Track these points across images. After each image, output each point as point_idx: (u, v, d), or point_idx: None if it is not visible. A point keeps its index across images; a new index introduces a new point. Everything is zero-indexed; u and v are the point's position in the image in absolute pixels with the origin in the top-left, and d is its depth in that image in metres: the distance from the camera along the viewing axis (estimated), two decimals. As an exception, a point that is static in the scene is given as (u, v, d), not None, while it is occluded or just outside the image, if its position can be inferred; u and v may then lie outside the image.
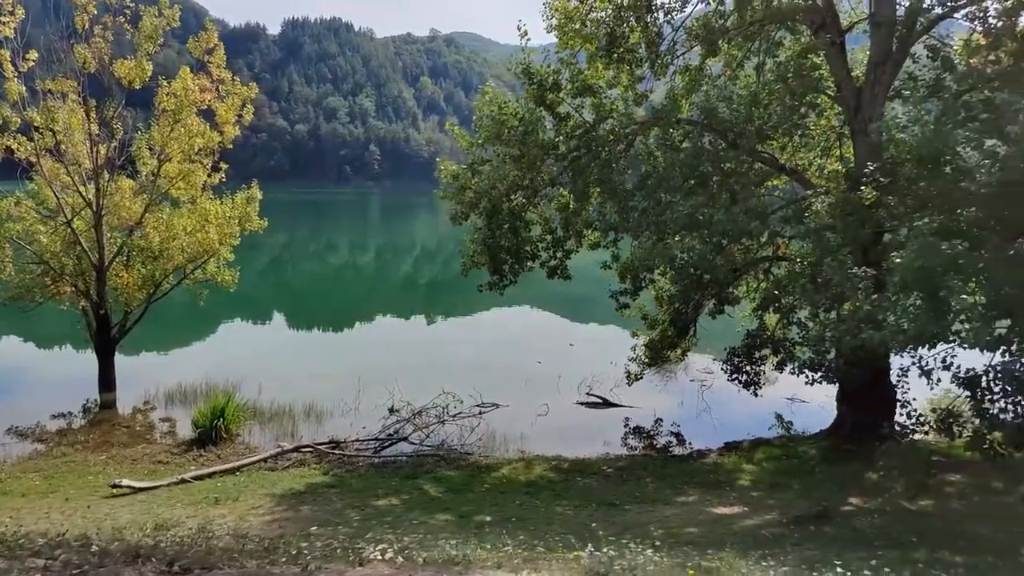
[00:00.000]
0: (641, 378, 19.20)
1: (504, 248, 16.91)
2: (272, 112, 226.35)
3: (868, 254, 12.28)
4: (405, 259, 70.87)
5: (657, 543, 8.85)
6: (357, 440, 16.29)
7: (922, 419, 11.73)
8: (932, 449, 14.44)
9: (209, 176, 18.53)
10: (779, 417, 18.66)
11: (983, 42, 14.13)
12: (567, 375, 21.30)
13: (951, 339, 9.41)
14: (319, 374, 22.30)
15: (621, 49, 16.20)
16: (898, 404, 13.96)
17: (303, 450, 15.47)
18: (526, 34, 16.39)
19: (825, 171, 17.95)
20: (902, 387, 13.75)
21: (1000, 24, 12.58)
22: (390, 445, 16.10)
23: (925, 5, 14.49)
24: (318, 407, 18.50)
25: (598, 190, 16.58)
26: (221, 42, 18.48)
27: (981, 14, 13.27)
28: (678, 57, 17.03)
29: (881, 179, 11.64)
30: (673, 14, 16.80)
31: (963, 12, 14.00)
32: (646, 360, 19.22)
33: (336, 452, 15.40)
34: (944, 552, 10.21)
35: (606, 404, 19.96)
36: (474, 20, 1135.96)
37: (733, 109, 15.80)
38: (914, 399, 12.62)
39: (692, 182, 15.43)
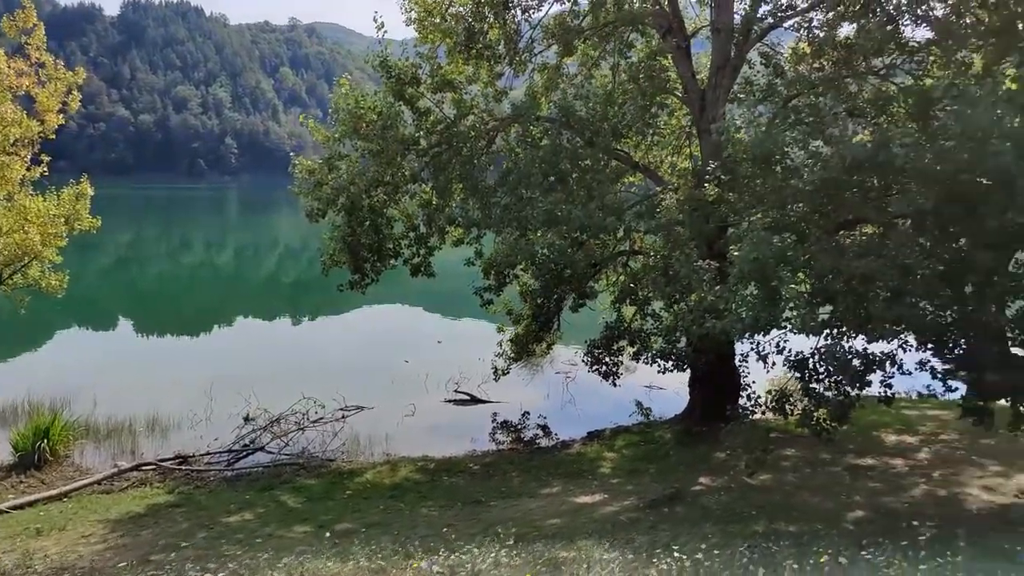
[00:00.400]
0: (508, 373, 19.36)
1: (365, 246, 16.46)
2: (112, 100, 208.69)
3: (713, 247, 13.01)
4: (267, 258, 67.70)
5: (515, 539, 8.89)
6: (208, 453, 15.26)
7: (760, 400, 12.60)
8: (770, 427, 15.59)
9: (28, 170, 16.63)
10: (639, 404, 19.40)
11: (808, 50, 15.40)
12: (435, 373, 21.14)
13: (783, 325, 10.12)
14: (166, 384, 20.68)
15: (480, 45, 16.21)
16: (742, 387, 14.98)
17: (144, 468, 14.28)
18: (383, 26, 16.03)
19: (677, 168, 18.91)
20: (744, 371, 14.75)
21: (822, 35, 13.72)
22: (245, 456, 15.23)
23: (759, 15, 15.57)
24: (163, 420, 17.15)
25: (460, 186, 16.52)
26: (41, 22, 16.63)
27: (806, 24, 14.42)
28: (536, 55, 17.28)
29: (722, 177, 12.37)
30: (530, 12, 17.03)
31: (791, 22, 15.15)
32: (512, 355, 19.39)
33: (183, 468, 14.35)
34: (780, 523, 11.01)
35: (474, 401, 19.98)
36: (336, 10, 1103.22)
37: (590, 108, 16.25)
38: (753, 382, 13.53)
39: (552, 179, 15.72)
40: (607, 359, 15.32)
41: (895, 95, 14.30)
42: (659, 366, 12.97)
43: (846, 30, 14.78)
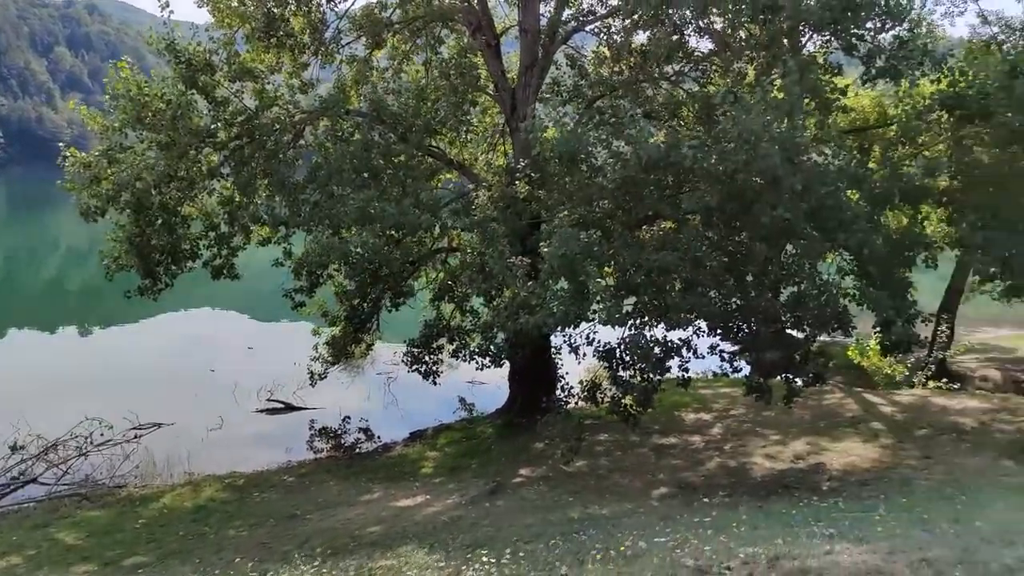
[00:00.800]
0: (325, 377, 18.52)
1: (157, 247, 14.89)
2: None
3: (526, 244, 13.28)
4: (47, 261, 59.65)
5: (330, 552, 8.48)
6: (-38, 492, 13.08)
7: (574, 391, 13.11)
8: (585, 415, 16.29)
9: None
10: (462, 401, 19.47)
11: (608, 55, 16.24)
12: (245, 382, 19.75)
13: (591, 318, 10.55)
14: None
15: (281, 33, 15.26)
16: (558, 379, 15.52)
17: None
18: (167, 5, 14.51)
19: (493, 166, 19.14)
20: (560, 363, 15.30)
21: (620, 40, 14.50)
22: (12, 491, 13.22)
23: (563, 18, 16.15)
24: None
25: (265, 182, 15.46)
26: None
27: (606, 30, 15.16)
28: (344, 47, 16.63)
29: (532, 175, 12.66)
30: (336, 1, 16.35)
31: (593, 27, 15.87)
32: (329, 358, 18.58)
33: (-70, 513, 12.16)
34: (594, 507, 11.50)
35: (289, 409, 18.97)
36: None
37: (402, 103, 15.93)
38: (567, 374, 14.04)
39: (365, 175, 15.21)
40: (426, 358, 15.16)
41: (684, 100, 15.53)
42: (477, 363, 13.06)
43: (641, 38, 15.79)
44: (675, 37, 12.19)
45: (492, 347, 12.27)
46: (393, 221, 13.00)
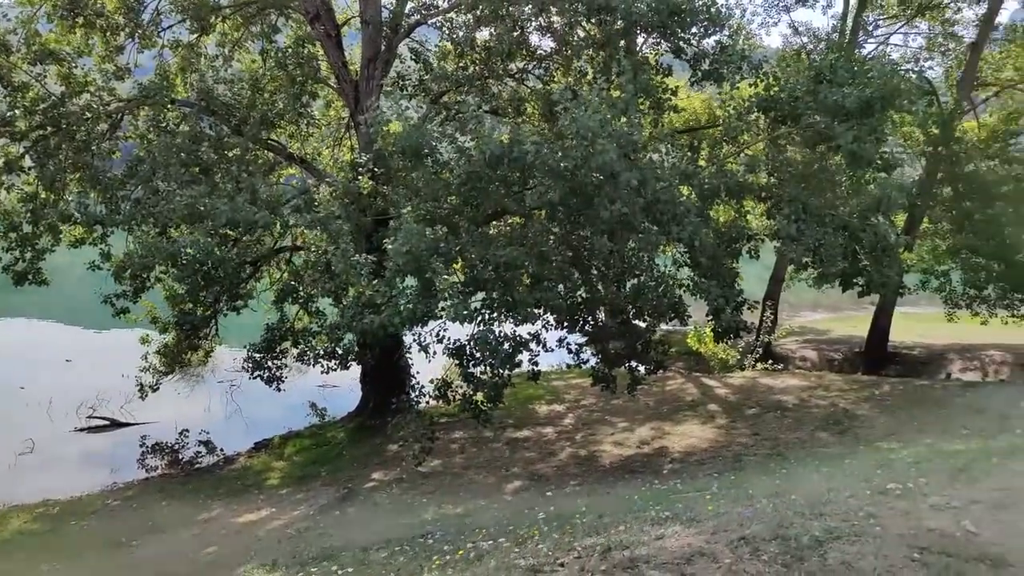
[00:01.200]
0: (158, 389, 17.03)
1: (-59, 251, 12.99)
2: None
3: (372, 241, 12.85)
4: None
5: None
6: None
7: (425, 389, 12.88)
8: (441, 413, 16.15)
9: None
10: (313, 405, 18.62)
11: (453, 50, 16.10)
12: (62, 398, 17.76)
13: (439, 316, 10.37)
14: None
15: (89, 12, 13.75)
16: (411, 378, 15.21)
17: None
18: (-53, -26, 12.66)
19: (341, 161, 18.42)
20: (413, 362, 14.96)
21: (462, 36, 14.40)
22: None
23: (407, 11, 15.82)
24: None
25: (77, 176, 13.92)
26: None
27: (448, 24, 15.01)
28: (165, 30, 15.31)
29: (375, 169, 12.27)
30: (154, -20, 15.02)
31: (436, 22, 15.65)
32: (162, 368, 17.13)
33: None
34: (448, 506, 11.36)
35: (116, 425, 17.29)
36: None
37: (235, 93, 14.94)
38: (418, 372, 13.79)
39: (196, 169, 14.10)
40: (269, 363, 14.29)
41: (528, 97, 15.74)
42: (323, 367, 12.48)
43: (484, 34, 15.79)
44: (516, 33, 12.27)
45: (338, 349, 11.77)
46: (226, 219, 12.12)
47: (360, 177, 12.34)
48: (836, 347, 22.92)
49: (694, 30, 12.10)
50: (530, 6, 11.56)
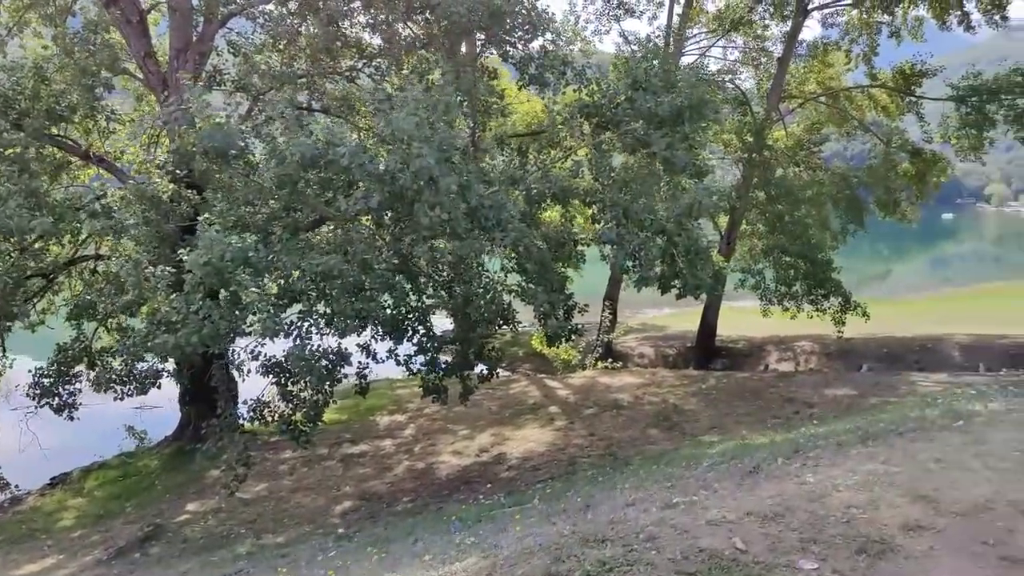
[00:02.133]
0: (-74, 423, 14.69)
1: None
2: None
3: (176, 250, 11.67)
4: None
5: None
6: None
7: (243, 409, 11.86)
8: (270, 432, 15.06)
9: None
10: (131, 429, 16.82)
11: (277, 45, 15.09)
12: None
13: (248, 332, 9.52)
14: None
15: None
16: (234, 397, 14.04)
17: None
18: None
19: (155, 160, 16.72)
20: (242, 378, 13.78)
21: (281, 29, 13.48)
22: None
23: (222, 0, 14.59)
24: None
25: None
26: None
27: (266, 16, 14.02)
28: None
29: (178, 172, 11.15)
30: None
31: (253, 11, 14.56)
32: (-67, 399, 14.77)
33: None
34: (269, 536, 10.55)
35: None
36: None
37: (15, 82, 13.10)
38: (245, 385, 12.71)
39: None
40: (60, 389, 12.60)
41: (360, 97, 15.07)
42: (116, 392, 11.15)
43: (313, 28, 14.91)
44: (332, 28, 11.59)
45: (133, 373, 10.56)
46: (-1, 226, 10.50)
47: (160, 179, 11.14)
48: (671, 343, 24.02)
49: (519, 33, 12.02)
50: (343, 2, 10.93)
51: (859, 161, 26.74)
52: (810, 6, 21.19)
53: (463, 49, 14.66)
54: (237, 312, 9.25)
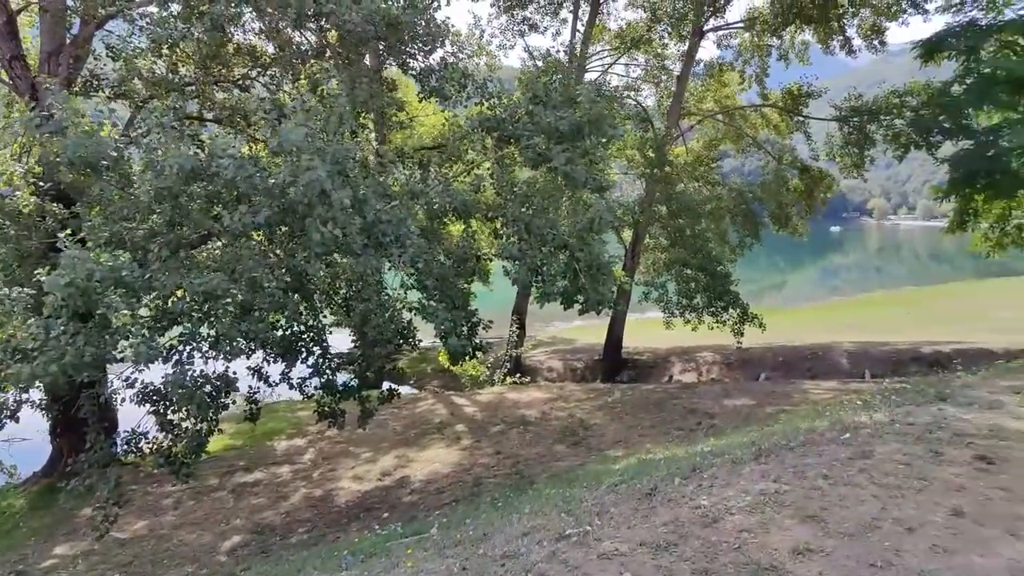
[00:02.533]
0: None
1: None
2: None
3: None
4: None
5: None
6: None
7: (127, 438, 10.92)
8: (150, 467, 14.01)
9: None
10: (-2, 464, 15.29)
11: (160, 51, 14.15)
12: None
13: (119, 358, 8.72)
14: None
15: None
16: (114, 427, 12.95)
17: None
18: None
19: (16, 172, 15.33)
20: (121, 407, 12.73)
21: (163, 33, 12.62)
22: None
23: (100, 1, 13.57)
24: None
25: None
26: None
27: (148, 19, 13.12)
28: None
29: (41, 183, 10.19)
30: None
31: (134, 14, 13.62)
32: None
33: None
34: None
35: None
36: None
37: None
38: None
39: None
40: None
41: (248, 106, 14.31)
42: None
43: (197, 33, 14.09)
44: (217, 32, 10.94)
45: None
46: None
47: (18, 192, 10.15)
48: (579, 356, 24.15)
49: (419, 44, 11.72)
50: (223, 4, 10.32)
51: (755, 177, 27.92)
52: (705, 28, 21.97)
53: (367, 60, 14.28)
54: (106, 337, 8.47)
